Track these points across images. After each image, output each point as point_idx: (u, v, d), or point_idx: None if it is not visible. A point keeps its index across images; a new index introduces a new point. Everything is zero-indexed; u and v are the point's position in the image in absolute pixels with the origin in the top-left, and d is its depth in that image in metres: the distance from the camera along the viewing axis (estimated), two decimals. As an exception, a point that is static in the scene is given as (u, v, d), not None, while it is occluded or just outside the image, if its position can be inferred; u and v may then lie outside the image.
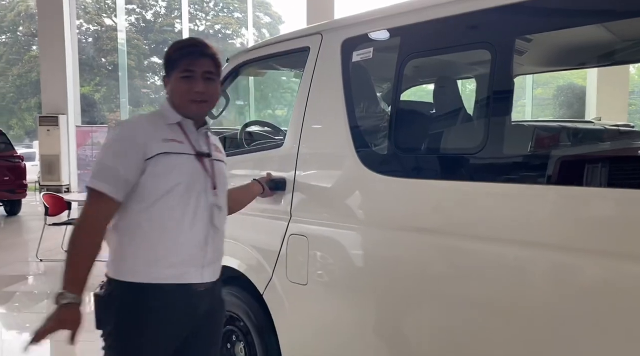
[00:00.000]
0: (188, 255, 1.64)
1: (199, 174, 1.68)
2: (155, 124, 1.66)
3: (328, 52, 2.11)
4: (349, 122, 1.97)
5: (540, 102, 14.99)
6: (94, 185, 1.58)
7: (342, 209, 2.00)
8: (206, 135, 1.77)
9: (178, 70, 1.65)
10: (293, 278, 2.17)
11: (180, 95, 1.66)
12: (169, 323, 1.64)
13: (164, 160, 1.61)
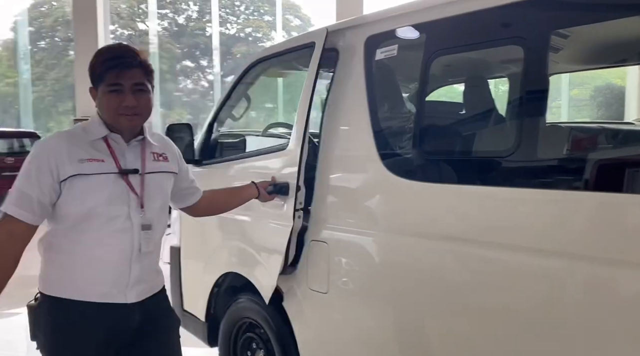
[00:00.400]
0: (109, 277, 1.58)
1: (121, 194, 1.56)
2: (74, 142, 1.54)
3: (351, 50, 2.02)
4: (372, 123, 1.88)
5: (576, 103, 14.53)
6: (6, 210, 1.51)
7: (364, 215, 1.91)
8: (142, 146, 1.64)
9: (104, 83, 1.53)
10: (313, 286, 2.09)
11: (109, 111, 1.55)
12: (95, 338, 1.57)
13: (78, 182, 1.51)
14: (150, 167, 1.64)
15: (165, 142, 1.79)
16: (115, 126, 1.57)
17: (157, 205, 1.64)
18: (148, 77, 1.58)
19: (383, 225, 1.85)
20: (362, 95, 1.92)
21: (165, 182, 1.70)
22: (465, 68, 2.09)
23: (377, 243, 1.87)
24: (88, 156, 1.53)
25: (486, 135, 1.88)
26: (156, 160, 1.67)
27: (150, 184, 1.62)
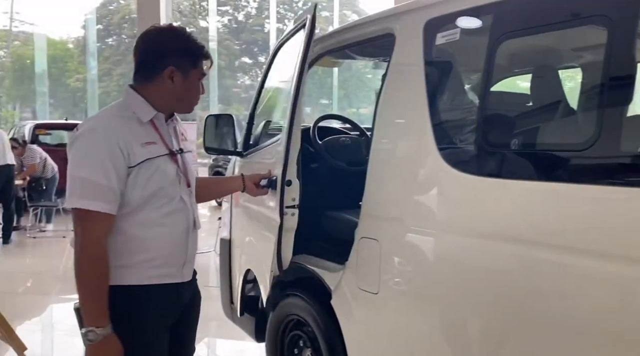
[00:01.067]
0: (169, 256, 1.59)
1: (175, 174, 1.59)
2: (129, 126, 1.51)
3: (408, 35, 1.89)
4: (431, 113, 1.73)
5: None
6: (84, 206, 1.42)
7: (420, 211, 1.78)
8: (174, 126, 1.67)
9: (199, 71, 1.59)
10: (363, 286, 1.98)
11: (194, 97, 1.62)
12: (158, 321, 1.59)
13: (145, 166, 1.50)
14: (183, 146, 1.68)
15: (178, 120, 1.75)
16: (181, 109, 1.64)
17: (193, 182, 1.70)
18: None
19: (441, 224, 1.71)
20: (420, 83, 1.78)
21: (191, 160, 1.73)
22: (537, 53, 1.90)
23: (434, 243, 1.73)
24: (146, 139, 1.53)
25: (559, 126, 1.70)
26: (182, 140, 1.70)
27: (187, 163, 1.67)
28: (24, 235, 7.12)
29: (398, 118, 1.90)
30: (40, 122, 10.69)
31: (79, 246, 1.43)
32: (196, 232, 1.69)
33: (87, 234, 1.43)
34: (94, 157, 1.44)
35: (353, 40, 2.24)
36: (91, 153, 1.45)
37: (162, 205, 1.55)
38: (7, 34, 26.95)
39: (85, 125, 1.51)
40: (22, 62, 26.00)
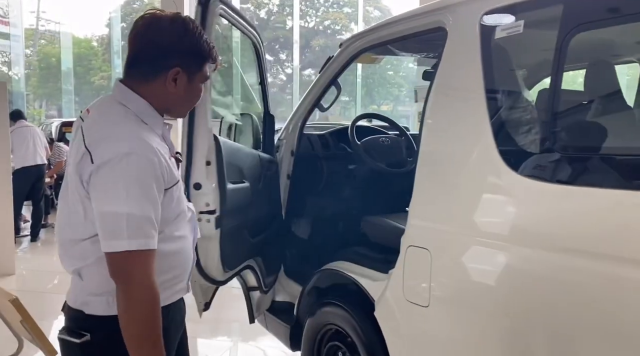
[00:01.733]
0: (187, 270, 1.44)
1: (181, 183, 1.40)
2: (154, 140, 1.28)
3: (462, 29, 1.75)
4: (490, 113, 1.59)
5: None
6: (140, 246, 1.19)
7: (476, 219, 1.64)
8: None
9: (203, 74, 1.36)
10: (411, 298, 1.85)
11: (193, 99, 1.39)
12: (175, 338, 1.45)
13: (178, 184, 1.34)
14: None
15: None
16: (179, 113, 1.43)
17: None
18: None
19: (501, 233, 1.57)
20: (477, 81, 1.64)
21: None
22: (618, 47, 1.74)
23: (495, 254, 1.59)
24: (166, 153, 1.30)
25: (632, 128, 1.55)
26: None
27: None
28: (51, 233, 7.15)
29: (452, 119, 1.76)
30: (67, 120, 10.76)
31: (137, 295, 1.19)
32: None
33: (145, 279, 1.20)
34: (139, 186, 1.20)
35: (397, 35, 2.11)
36: (135, 183, 1.19)
37: (183, 222, 1.39)
38: (34, 32, 27.38)
39: (110, 149, 1.20)
40: (48, 60, 26.38)
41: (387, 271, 2.00)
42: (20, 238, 6.71)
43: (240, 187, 2.18)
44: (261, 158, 2.42)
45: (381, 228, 2.30)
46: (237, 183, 2.14)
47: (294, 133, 2.61)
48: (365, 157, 2.48)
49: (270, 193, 2.50)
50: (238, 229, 2.17)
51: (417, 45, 2.31)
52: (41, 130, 7.33)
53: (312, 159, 2.69)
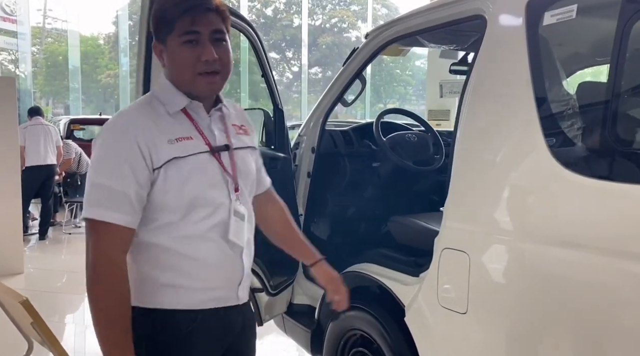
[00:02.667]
0: (221, 276, 1.30)
1: (218, 177, 1.27)
2: (154, 118, 1.22)
3: (505, 16, 1.63)
4: (538, 105, 1.47)
5: None
6: (95, 216, 1.16)
7: (523, 221, 1.52)
8: (222, 117, 1.33)
9: (175, 33, 1.19)
10: (447, 304, 1.73)
11: (184, 68, 1.22)
12: (203, 347, 1.30)
13: (174, 167, 1.20)
14: (236, 142, 1.34)
15: (239, 109, 1.45)
16: (192, 91, 1.25)
17: (247, 188, 1.36)
18: (226, 25, 1.26)
19: (550, 235, 1.45)
20: (523, 73, 1.52)
21: (250, 160, 1.39)
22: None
23: (540, 258, 1.47)
24: (176, 134, 1.22)
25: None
26: (239, 134, 1.37)
27: (239, 162, 1.32)
28: (59, 231, 7.08)
29: (494, 115, 1.64)
30: (75, 117, 10.70)
31: (89, 264, 1.18)
32: (243, 248, 1.33)
33: (98, 250, 1.17)
34: (110, 158, 1.19)
35: (429, 24, 1.98)
36: (108, 154, 1.19)
37: (208, 215, 1.25)
38: (41, 30, 27.39)
39: (108, 120, 1.25)
40: (55, 58, 26.40)
41: (418, 274, 1.89)
42: (28, 237, 6.63)
43: None
44: (263, 154, 2.33)
45: (410, 229, 2.18)
46: None
47: (315, 130, 2.49)
48: (391, 154, 2.36)
49: (278, 191, 2.40)
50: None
51: (448, 36, 2.19)
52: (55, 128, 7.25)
53: (334, 156, 2.57)
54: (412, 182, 2.55)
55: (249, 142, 1.40)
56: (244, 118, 1.43)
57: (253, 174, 1.40)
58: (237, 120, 1.39)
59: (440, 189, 1.74)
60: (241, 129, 1.39)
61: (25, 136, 6.27)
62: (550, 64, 1.54)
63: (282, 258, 2.44)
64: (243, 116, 1.44)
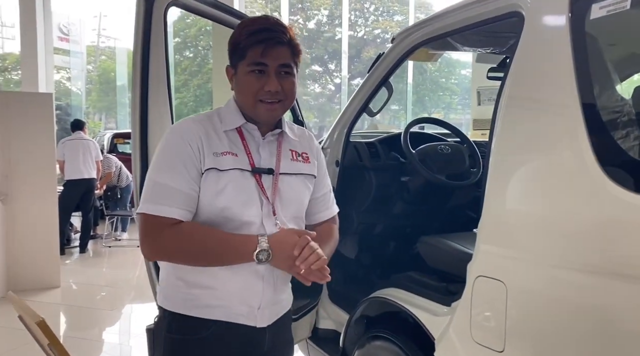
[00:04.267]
0: (237, 294, 1.35)
1: (254, 196, 1.32)
2: (209, 131, 1.33)
3: (545, 11, 1.42)
4: (585, 113, 1.26)
5: None
6: (149, 211, 1.26)
7: (570, 247, 1.30)
8: (279, 142, 1.41)
9: (246, 61, 1.30)
10: (481, 340, 1.52)
11: (247, 95, 1.32)
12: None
13: (213, 177, 1.29)
14: (287, 167, 1.39)
15: (307, 137, 1.50)
16: (252, 115, 1.35)
17: (289, 213, 1.39)
18: (295, 58, 1.35)
19: (602, 264, 1.22)
20: (567, 75, 1.30)
21: (301, 187, 1.43)
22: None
23: (593, 290, 1.24)
24: (223, 149, 1.32)
25: None
26: (294, 160, 1.42)
27: (284, 188, 1.37)
28: (99, 244, 7.18)
29: (532, 122, 1.43)
30: (118, 131, 10.97)
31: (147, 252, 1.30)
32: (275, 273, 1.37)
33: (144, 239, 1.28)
34: (167, 158, 1.30)
35: (460, 24, 1.79)
36: (165, 155, 1.31)
37: (235, 231, 1.31)
38: (95, 49, 28.59)
39: (169, 128, 1.40)
40: (107, 75, 27.46)
41: (450, 304, 1.68)
42: (70, 249, 6.76)
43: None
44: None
45: (442, 251, 1.97)
46: None
47: (339, 142, 2.32)
48: (421, 167, 2.16)
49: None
50: None
51: (483, 38, 1.99)
52: (95, 140, 7.41)
53: (360, 170, 2.40)
54: (445, 198, 2.34)
55: (305, 169, 1.44)
56: (310, 147, 1.48)
57: (300, 202, 1.43)
58: (300, 147, 1.45)
59: (478, 206, 1.54)
60: (301, 156, 1.44)
61: (64, 151, 6.41)
62: (599, 65, 1.33)
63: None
64: (310, 144, 1.49)
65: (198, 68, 28.93)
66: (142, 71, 1.60)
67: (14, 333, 3.61)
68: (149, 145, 1.66)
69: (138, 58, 1.60)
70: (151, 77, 1.61)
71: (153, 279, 1.80)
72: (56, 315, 4.50)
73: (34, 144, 4.89)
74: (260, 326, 1.39)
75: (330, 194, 1.55)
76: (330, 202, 1.55)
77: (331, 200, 1.55)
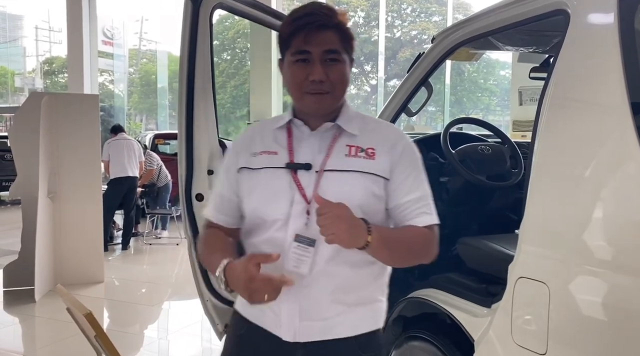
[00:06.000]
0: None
1: (283, 194, 1.21)
2: (260, 131, 1.32)
3: (592, 9, 1.40)
4: (635, 114, 1.23)
5: None
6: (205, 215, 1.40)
7: (616, 248, 1.27)
8: (334, 136, 1.25)
9: (291, 50, 1.21)
10: (522, 341, 1.50)
11: (292, 86, 1.23)
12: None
13: (245, 179, 1.28)
14: (336, 163, 1.22)
15: (383, 131, 1.29)
16: (302, 107, 1.27)
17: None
18: (345, 44, 1.22)
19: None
20: (615, 74, 1.28)
21: (354, 186, 1.21)
22: None
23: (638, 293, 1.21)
24: (262, 148, 1.28)
25: None
26: (351, 156, 1.23)
27: (327, 185, 1.20)
28: (140, 242, 7.38)
29: (577, 122, 1.40)
30: (159, 132, 11.26)
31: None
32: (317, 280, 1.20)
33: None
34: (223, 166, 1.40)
35: (503, 23, 1.77)
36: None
37: (261, 229, 1.24)
38: (137, 52, 29.41)
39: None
40: (148, 77, 28.21)
41: (490, 305, 1.67)
42: (113, 246, 6.97)
43: None
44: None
45: (482, 252, 1.95)
46: None
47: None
48: (461, 168, 2.14)
49: None
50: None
51: (526, 37, 1.96)
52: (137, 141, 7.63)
53: None
54: (486, 199, 2.31)
55: (365, 167, 1.23)
56: (379, 140, 1.26)
57: (357, 203, 1.19)
58: (364, 141, 1.25)
59: (519, 207, 1.52)
60: (364, 152, 1.24)
61: (109, 151, 6.63)
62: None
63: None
64: (381, 137, 1.27)
65: (235, 70, 29.36)
66: (188, 71, 1.65)
67: (61, 325, 3.77)
68: (194, 144, 1.71)
69: (185, 58, 1.65)
70: (197, 77, 1.65)
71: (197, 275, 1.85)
72: (99, 309, 4.66)
73: (80, 144, 5.07)
74: (285, 339, 1.23)
75: (420, 202, 1.26)
76: (418, 210, 1.25)
77: (420, 208, 1.25)
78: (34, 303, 4.50)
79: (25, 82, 27.61)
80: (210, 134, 1.70)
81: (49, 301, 4.54)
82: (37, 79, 28.35)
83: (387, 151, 1.24)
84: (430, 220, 1.26)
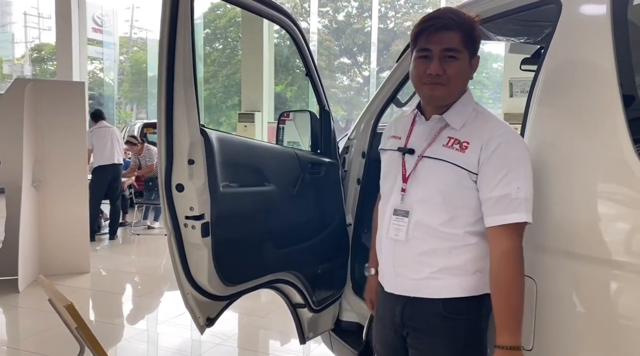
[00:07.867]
0: (382, 259, 1.54)
1: (394, 173, 1.49)
2: (401, 118, 1.57)
3: None
4: (627, 106, 1.20)
5: None
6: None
7: (602, 242, 1.25)
8: (441, 126, 1.42)
9: (416, 47, 1.40)
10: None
11: (414, 79, 1.43)
12: (381, 322, 1.60)
13: (382, 157, 1.57)
14: (434, 151, 1.41)
15: (484, 127, 1.37)
16: (421, 98, 1.48)
17: (417, 194, 1.42)
18: (467, 43, 1.35)
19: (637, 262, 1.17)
20: (606, 67, 1.25)
21: (442, 174, 1.39)
22: None
23: (623, 287, 1.19)
24: (394, 133, 1.55)
25: None
26: (447, 147, 1.39)
27: (421, 169, 1.43)
28: (128, 232, 7.32)
29: (567, 116, 1.37)
30: (148, 121, 11.14)
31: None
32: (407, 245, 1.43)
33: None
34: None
35: (493, 12, 1.72)
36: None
37: (382, 201, 1.55)
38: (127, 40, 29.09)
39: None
40: (139, 66, 27.92)
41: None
42: (100, 236, 6.91)
43: (250, 190, 1.94)
44: (300, 159, 2.15)
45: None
46: (248, 186, 1.92)
47: (365, 133, 2.29)
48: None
49: (322, 199, 2.22)
50: (249, 238, 1.92)
51: (516, 27, 1.92)
52: (126, 130, 7.52)
53: None
54: None
55: (455, 158, 1.36)
56: (479, 137, 1.35)
57: (433, 187, 1.39)
58: (463, 135, 1.38)
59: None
60: (459, 145, 1.37)
61: (92, 140, 6.54)
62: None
63: (326, 272, 2.28)
64: (481, 136, 1.35)
65: (227, 59, 29.12)
66: (168, 56, 1.59)
67: (45, 316, 3.71)
68: (174, 133, 1.65)
69: (165, 44, 1.60)
70: (177, 63, 1.60)
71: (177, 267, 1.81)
72: (85, 300, 4.61)
73: (66, 132, 4.99)
74: (388, 290, 1.51)
75: (503, 201, 1.30)
76: (498, 207, 1.30)
77: (497, 207, 1.30)
78: (18, 294, 4.44)
79: (13, 69, 27.20)
80: (191, 123, 1.64)
81: (33, 292, 4.48)
82: (26, 66, 27.93)
83: (480, 146, 1.34)
84: (507, 220, 1.31)
